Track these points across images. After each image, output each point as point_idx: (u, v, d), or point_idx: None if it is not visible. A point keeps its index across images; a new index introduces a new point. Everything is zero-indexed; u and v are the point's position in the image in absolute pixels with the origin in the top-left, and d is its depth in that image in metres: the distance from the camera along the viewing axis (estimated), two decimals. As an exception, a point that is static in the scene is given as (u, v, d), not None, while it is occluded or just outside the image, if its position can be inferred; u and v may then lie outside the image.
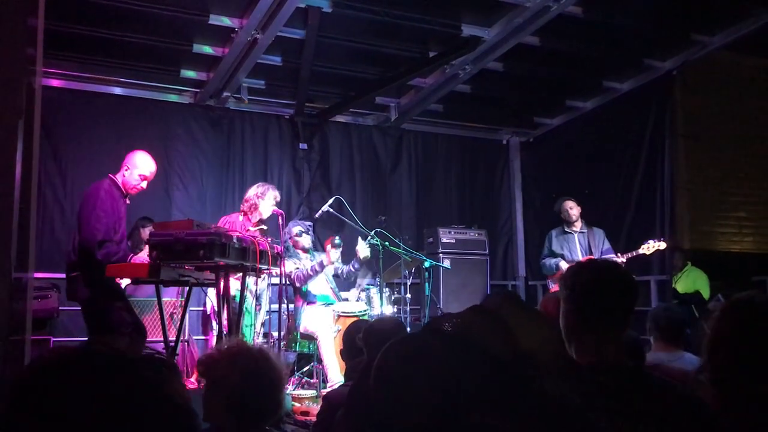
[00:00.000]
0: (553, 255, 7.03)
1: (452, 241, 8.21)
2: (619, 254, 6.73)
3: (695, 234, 9.01)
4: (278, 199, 6.13)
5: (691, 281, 8.04)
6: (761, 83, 9.42)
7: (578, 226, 6.92)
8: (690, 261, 8.24)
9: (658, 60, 7.51)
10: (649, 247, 6.58)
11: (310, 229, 6.76)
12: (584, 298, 1.80)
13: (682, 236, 8.29)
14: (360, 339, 3.32)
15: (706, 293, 7.96)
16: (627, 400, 1.60)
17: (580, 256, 6.72)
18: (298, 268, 6.36)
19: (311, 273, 6.28)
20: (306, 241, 6.57)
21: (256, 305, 6.14)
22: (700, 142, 9.01)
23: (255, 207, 5.98)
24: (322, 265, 6.27)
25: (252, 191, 6.07)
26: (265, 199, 5.99)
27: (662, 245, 6.61)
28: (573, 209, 6.89)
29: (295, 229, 6.57)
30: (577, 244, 6.81)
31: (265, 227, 6.00)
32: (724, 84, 9.17)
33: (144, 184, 4.95)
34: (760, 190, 9.70)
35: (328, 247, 6.36)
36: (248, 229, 5.75)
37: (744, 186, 9.59)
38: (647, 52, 7.43)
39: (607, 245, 6.86)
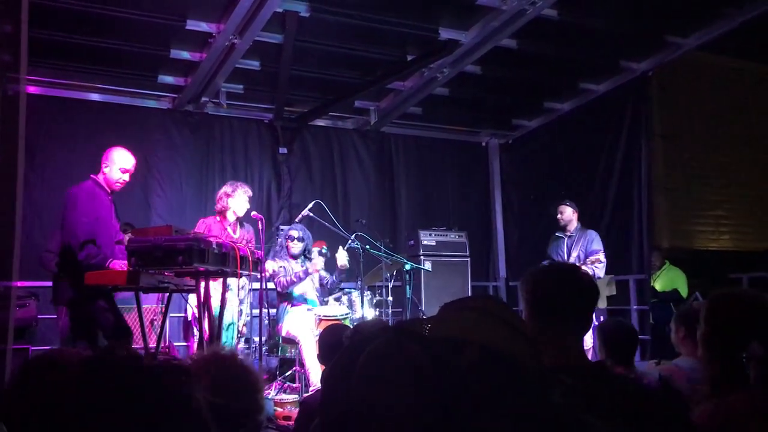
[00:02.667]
0: (549, 258, 6.92)
1: (433, 243, 8.24)
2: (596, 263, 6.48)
3: (673, 233, 9.11)
4: (250, 194, 6.06)
5: (669, 280, 8.14)
6: (735, 83, 9.55)
7: (570, 229, 6.76)
8: (668, 260, 8.33)
9: (634, 61, 7.60)
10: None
11: (309, 241, 6.64)
12: (545, 302, 1.83)
13: (660, 235, 8.38)
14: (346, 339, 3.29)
15: (684, 291, 8.06)
16: (594, 400, 1.63)
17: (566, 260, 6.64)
18: (282, 267, 6.35)
19: (295, 280, 6.29)
20: (296, 248, 6.52)
21: (238, 303, 6.08)
22: (677, 141, 9.12)
23: (226, 206, 5.95)
24: (306, 273, 6.29)
25: (221, 191, 6.06)
26: (235, 197, 5.94)
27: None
28: (562, 214, 6.73)
29: (293, 233, 6.54)
30: (565, 248, 6.74)
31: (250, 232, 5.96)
32: (699, 84, 9.29)
33: (126, 177, 4.92)
34: (736, 188, 9.82)
35: (315, 254, 6.40)
36: (230, 236, 5.74)
37: (720, 184, 9.70)
38: (623, 54, 7.52)
39: (594, 247, 6.64)
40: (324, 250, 6.51)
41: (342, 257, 6.42)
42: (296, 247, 6.53)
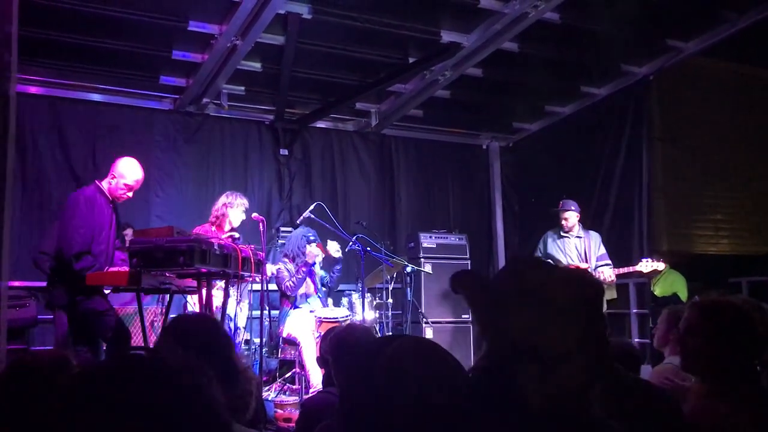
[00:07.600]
0: (547, 257, 6.92)
1: (433, 246, 8.23)
2: (613, 268, 6.63)
3: (672, 237, 9.09)
4: (247, 206, 6.04)
5: (668, 284, 8.11)
6: (736, 88, 9.56)
7: (575, 230, 6.83)
8: (668, 263, 8.31)
9: (635, 65, 7.61)
10: (647, 265, 6.51)
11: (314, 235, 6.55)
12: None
13: (659, 239, 8.38)
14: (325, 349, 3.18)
15: (683, 295, 8.04)
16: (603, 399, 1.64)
17: (576, 262, 6.67)
18: (286, 270, 6.30)
19: (300, 276, 6.25)
20: (314, 248, 6.40)
21: (238, 300, 6.04)
22: (677, 145, 9.12)
23: (224, 216, 5.94)
24: (306, 265, 6.25)
25: (220, 201, 6.03)
26: (233, 208, 5.93)
27: (660, 266, 6.55)
28: (568, 220, 6.77)
29: (305, 243, 6.41)
30: (574, 249, 6.77)
31: (237, 234, 5.95)
32: (699, 88, 9.28)
33: (129, 194, 4.85)
34: (735, 193, 9.82)
35: (305, 246, 6.33)
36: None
37: (719, 188, 9.70)
38: (624, 58, 7.53)
39: (602, 251, 6.77)
40: (312, 237, 6.42)
41: (333, 249, 6.40)
42: (314, 247, 6.36)
